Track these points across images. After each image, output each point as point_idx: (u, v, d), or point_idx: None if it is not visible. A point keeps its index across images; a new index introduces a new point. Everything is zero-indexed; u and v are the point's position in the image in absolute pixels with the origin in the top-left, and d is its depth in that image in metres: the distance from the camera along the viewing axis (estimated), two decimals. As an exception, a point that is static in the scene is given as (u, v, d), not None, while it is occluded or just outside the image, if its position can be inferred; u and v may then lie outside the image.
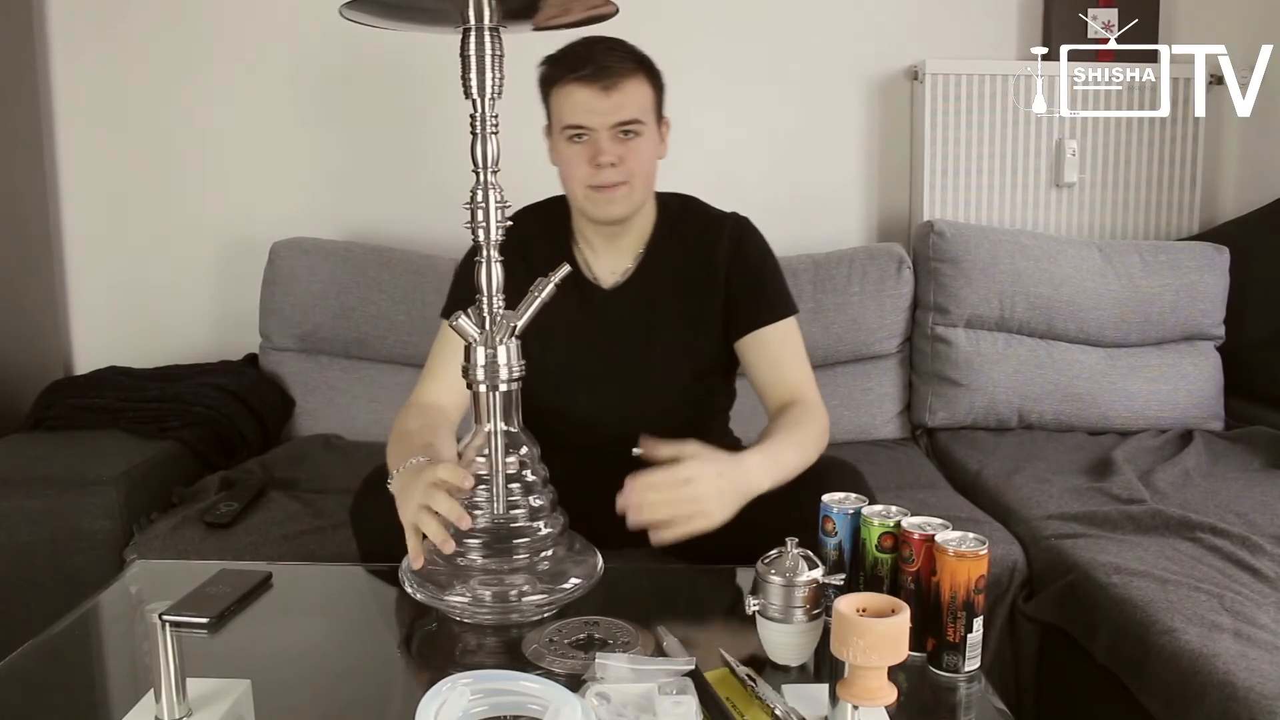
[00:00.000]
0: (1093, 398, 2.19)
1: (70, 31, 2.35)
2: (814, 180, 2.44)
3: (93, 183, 2.40)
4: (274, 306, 2.21)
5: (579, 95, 1.34)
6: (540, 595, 1.05)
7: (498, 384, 1.06)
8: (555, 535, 1.10)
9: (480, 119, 1.05)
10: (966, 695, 0.97)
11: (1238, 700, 1.09)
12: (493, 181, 1.06)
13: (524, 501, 1.08)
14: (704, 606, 1.21)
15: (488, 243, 1.06)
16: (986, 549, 0.97)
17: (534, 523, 1.08)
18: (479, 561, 1.06)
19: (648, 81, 1.38)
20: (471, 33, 1.03)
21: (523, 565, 1.07)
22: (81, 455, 1.77)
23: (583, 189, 1.38)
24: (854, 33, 2.42)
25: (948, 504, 1.76)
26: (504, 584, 1.05)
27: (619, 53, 1.35)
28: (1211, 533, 1.54)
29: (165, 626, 0.81)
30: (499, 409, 1.06)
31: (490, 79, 1.04)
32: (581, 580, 1.08)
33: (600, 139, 1.35)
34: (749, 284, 1.45)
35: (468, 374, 1.06)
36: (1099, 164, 2.39)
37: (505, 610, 1.05)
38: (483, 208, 1.06)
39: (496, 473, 1.06)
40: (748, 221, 1.50)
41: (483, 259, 1.06)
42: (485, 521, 1.07)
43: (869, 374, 2.26)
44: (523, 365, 1.08)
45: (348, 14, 1.00)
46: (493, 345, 1.05)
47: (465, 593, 1.05)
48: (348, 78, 2.38)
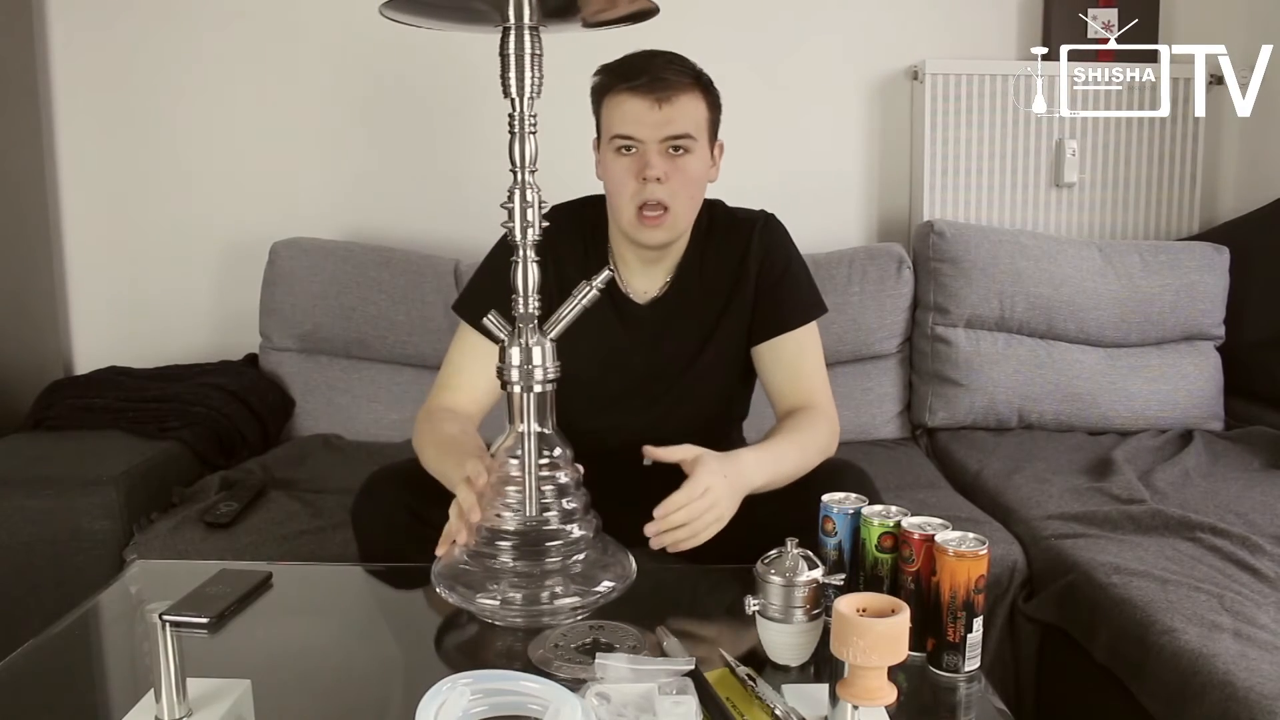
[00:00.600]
0: (1093, 398, 2.19)
1: (70, 31, 2.35)
2: (814, 180, 2.44)
3: (93, 183, 2.40)
4: (274, 306, 2.21)
5: (630, 105, 1.31)
6: (573, 598, 1.04)
7: (532, 385, 1.04)
8: (588, 538, 1.09)
9: (519, 118, 1.03)
10: (966, 695, 0.97)
11: (1238, 700, 1.09)
12: (530, 181, 1.04)
13: (556, 504, 1.07)
14: (704, 606, 1.21)
15: (524, 243, 1.04)
16: (986, 549, 0.97)
17: (566, 525, 1.07)
18: (511, 564, 1.05)
19: (703, 99, 1.34)
20: (511, 31, 1.01)
21: (555, 568, 1.06)
22: (81, 455, 1.77)
23: (630, 212, 1.34)
24: (854, 33, 2.42)
25: (948, 504, 1.76)
26: (536, 586, 1.05)
27: (676, 66, 1.32)
28: (1211, 533, 1.54)
29: (165, 626, 0.81)
30: (533, 410, 1.05)
31: (530, 78, 1.02)
32: (615, 583, 1.07)
33: (649, 152, 1.31)
34: (773, 289, 1.42)
35: (502, 374, 1.05)
36: (1099, 164, 2.39)
37: (537, 613, 1.04)
38: (520, 207, 1.04)
39: (529, 475, 1.04)
40: (775, 221, 1.47)
41: (519, 259, 1.05)
42: (518, 524, 1.06)
43: (869, 374, 2.26)
44: (558, 366, 1.06)
45: (387, 13, 0.99)
46: (528, 345, 1.04)
47: (496, 595, 1.04)
48: (348, 78, 2.38)
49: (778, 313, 1.42)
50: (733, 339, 1.44)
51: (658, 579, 1.25)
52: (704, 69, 1.37)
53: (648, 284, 1.45)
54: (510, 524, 1.06)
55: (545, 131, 1.42)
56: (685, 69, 1.33)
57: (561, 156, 1.44)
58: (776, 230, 1.46)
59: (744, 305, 1.42)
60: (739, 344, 1.44)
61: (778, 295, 1.42)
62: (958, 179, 2.38)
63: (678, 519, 1.12)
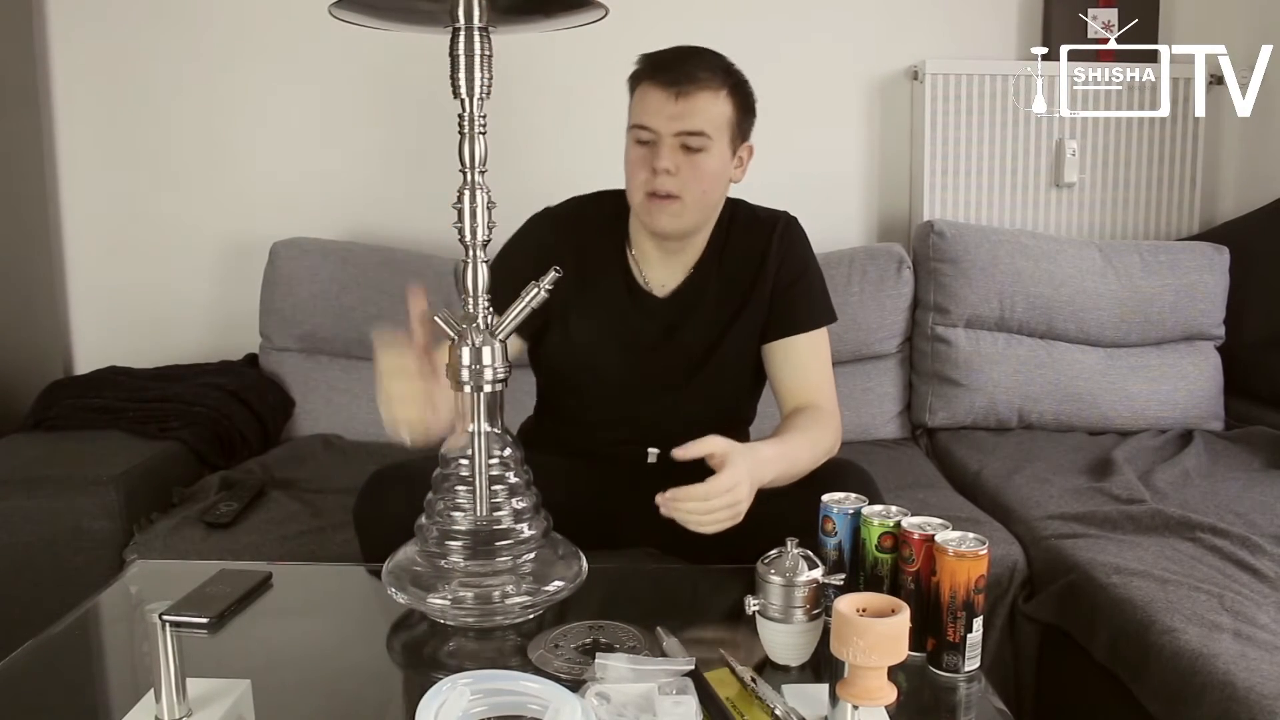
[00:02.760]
0: (1093, 398, 2.19)
1: (70, 31, 2.35)
2: (814, 180, 2.44)
3: (93, 182, 2.40)
4: (274, 306, 2.21)
5: (651, 96, 1.32)
6: (524, 597, 1.05)
7: (482, 385, 1.04)
8: (538, 538, 1.10)
9: (469, 119, 1.05)
10: (966, 695, 0.97)
11: (1238, 700, 1.09)
12: (480, 182, 1.05)
13: (507, 504, 1.08)
14: (704, 606, 1.21)
15: (474, 243, 1.06)
16: (986, 549, 0.97)
17: (517, 525, 1.08)
18: (462, 564, 1.06)
19: (730, 100, 1.34)
20: (461, 32, 1.02)
21: (505, 567, 1.06)
22: (81, 455, 1.77)
23: (640, 195, 1.35)
24: (854, 33, 2.42)
25: (948, 504, 1.76)
26: (487, 586, 1.05)
27: (707, 64, 1.32)
28: (1211, 533, 1.54)
29: (165, 626, 0.82)
30: (484, 410, 1.04)
31: (479, 79, 1.03)
32: (564, 583, 1.08)
33: (662, 145, 1.32)
34: (789, 290, 1.43)
35: (451, 374, 1.05)
36: (1099, 164, 2.39)
37: (488, 612, 1.05)
38: (470, 208, 1.05)
39: (479, 475, 1.04)
40: (796, 223, 1.48)
41: (469, 260, 1.06)
42: (469, 524, 1.06)
43: (869, 374, 2.26)
44: (508, 367, 1.07)
45: (336, 13, 1.00)
46: (477, 345, 1.05)
47: (447, 595, 1.05)
48: (348, 78, 2.38)
49: (792, 313, 1.43)
50: (747, 335, 1.44)
51: (658, 579, 1.26)
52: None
53: (666, 277, 1.45)
54: (461, 524, 1.06)
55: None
56: (716, 67, 1.33)
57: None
58: (797, 232, 1.47)
59: (761, 303, 1.43)
60: (752, 341, 1.45)
61: (793, 296, 1.43)
62: (958, 179, 2.37)
63: (693, 507, 1.13)
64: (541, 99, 2.37)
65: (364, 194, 2.42)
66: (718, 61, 1.34)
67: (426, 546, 1.08)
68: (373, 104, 2.40)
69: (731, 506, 1.14)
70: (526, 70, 2.32)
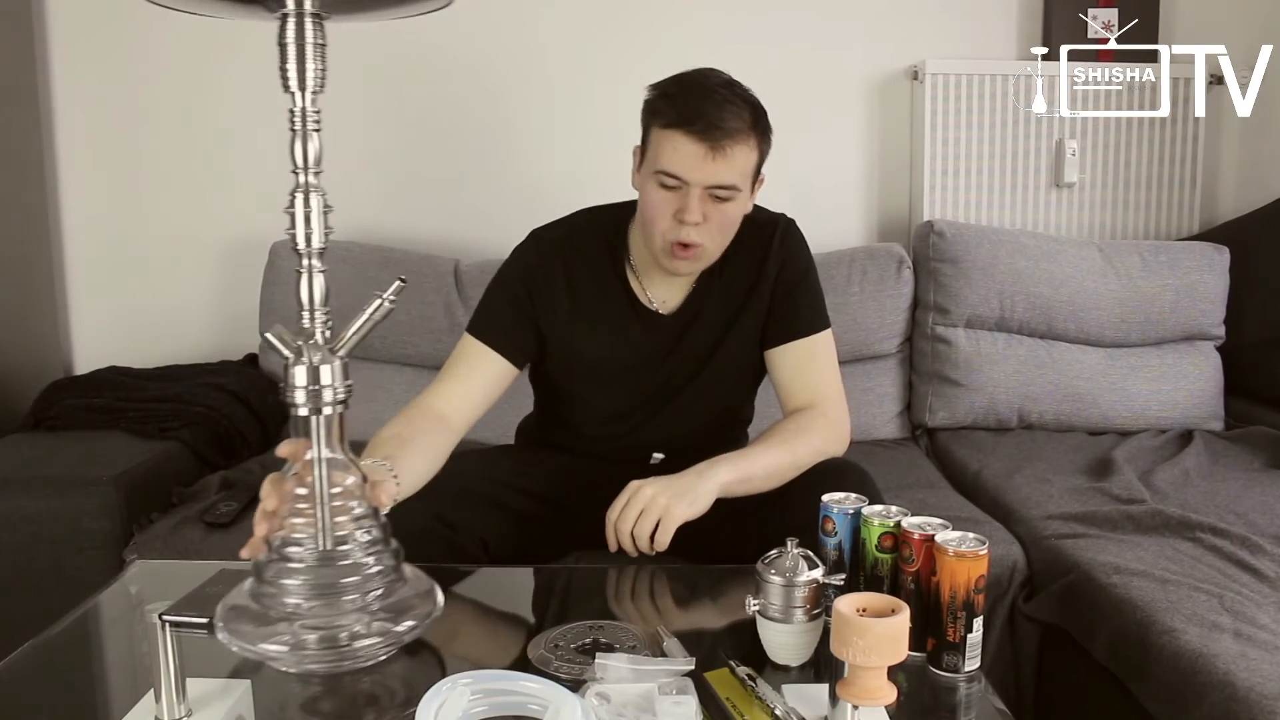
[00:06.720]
0: (1093, 398, 2.19)
1: (70, 31, 2.35)
2: (814, 180, 2.44)
3: (93, 183, 2.40)
4: (274, 306, 2.21)
5: (684, 148, 1.26)
6: (374, 638, 0.89)
7: (321, 407, 0.91)
8: (388, 570, 0.94)
9: (300, 114, 0.94)
10: (966, 695, 0.97)
11: (1238, 700, 1.09)
12: (314, 184, 0.95)
13: (352, 536, 0.92)
14: (704, 606, 1.21)
15: (309, 250, 0.95)
16: (986, 549, 0.97)
17: (365, 558, 0.92)
18: (303, 604, 0.89)
19: (756, 144, 1.31)
20: (290, 18, 0.92)
21: (353, 606, 0.89)
22: (81, 455, 1.77)
23: (662, 242, 1.32)
24: (854, 33, 2.42)
25: (948, 504, 1.76)
26: (333, 626, 0.88)
27: (735, 107, 1.27)
28: (1211, 533, 1.54)
29: (165, 626, 0.81)
30: (323, 434, 0.91)
31: (312, 69, 0.93)
32: (415, 622, 0.93)
33: (691, 196, 1.28)
34: (789, 294, 1.42)
35: (284, 394, 0.92)
36: (1099, 164, 2.39)
37: (336, 657, 0.89)
38: (302, 212, 0.96)
39: (321, 505, 0.90)
40: (794, 225, 1.47)
41: (304, 269, 0.96)
42: (311, 559, 0.90)
43: (869, 374, 2.26)
44: (349, 387, 0.94)
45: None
46: (314, 364, 0.93)
47: (287, 638, 0.88)
48: (347, 78, 2.38)
49: (793, 318, 1.42)
50: (747, 341, 1.44)
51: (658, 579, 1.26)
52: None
53: (668, 294, 1.44)
54: (302, 559, 0.90)
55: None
56: (743, 109, 1.29)
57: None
58: (797, 236, 1.46)
59: (760, 308, 1.42)
60: (752, 346, 1.44)
61: (793, 301, 1.42)
62: (958, 179, 2.38)
63: (617, 529, 1.21)
64: (542, 99, 2.37)
65: (364, 194, 2.42)
66: (743, 100, 1.30)
67: (262, 585, 0.91)
68: (373, 104, 2.40)
69: (640, 504, 1.20)
70: (527, 70, 2.32)
